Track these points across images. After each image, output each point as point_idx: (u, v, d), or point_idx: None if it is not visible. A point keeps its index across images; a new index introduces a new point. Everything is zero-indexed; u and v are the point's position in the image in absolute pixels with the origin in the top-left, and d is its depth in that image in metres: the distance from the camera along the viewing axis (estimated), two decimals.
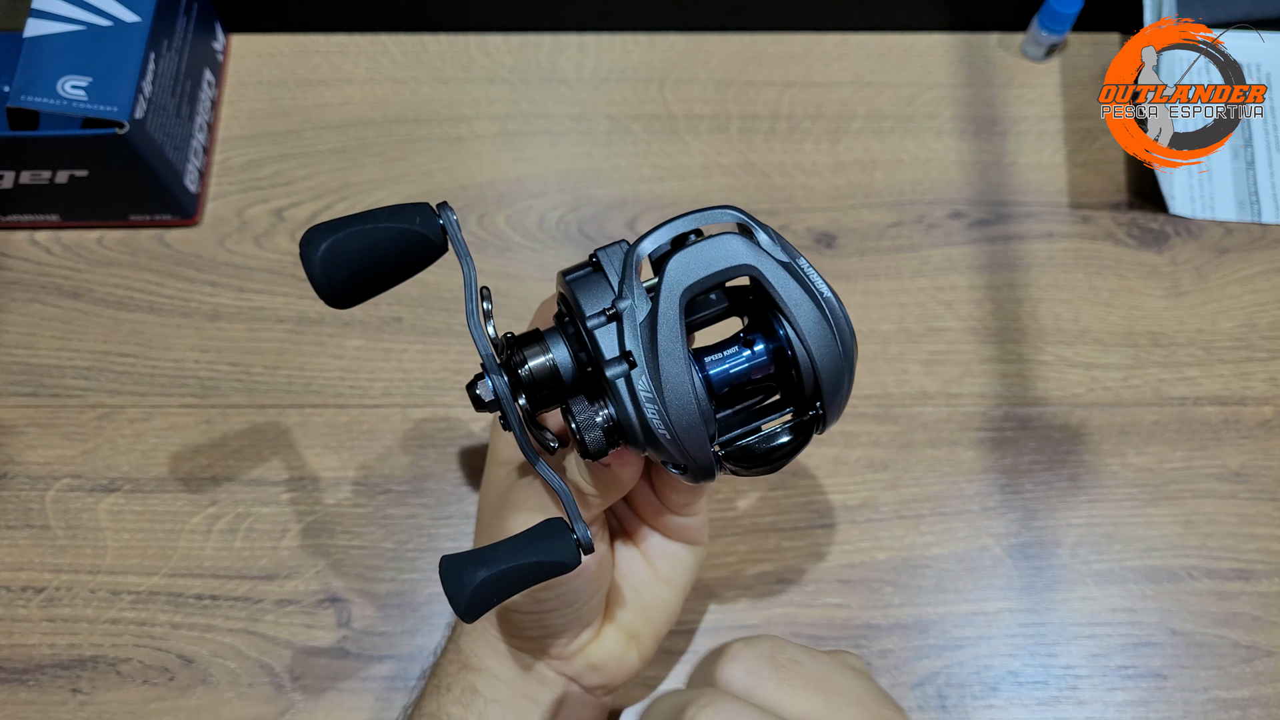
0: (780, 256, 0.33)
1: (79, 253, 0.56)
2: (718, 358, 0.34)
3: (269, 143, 0.58)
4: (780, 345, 0.33)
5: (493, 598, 0.33)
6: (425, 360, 0.53)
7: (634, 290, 0.32)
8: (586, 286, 0.33)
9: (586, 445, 0.33)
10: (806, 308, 0.33)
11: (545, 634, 0.40)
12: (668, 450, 0.32)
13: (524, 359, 0.34)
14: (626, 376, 0.32)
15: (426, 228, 0.33)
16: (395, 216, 0.32)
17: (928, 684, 0.48)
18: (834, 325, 0.33)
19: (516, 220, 0.57)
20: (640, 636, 0.42)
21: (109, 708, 0.47)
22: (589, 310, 0.33)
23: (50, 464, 0.51)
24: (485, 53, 0.61)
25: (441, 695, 0.41)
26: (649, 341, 0.32)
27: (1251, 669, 0.48)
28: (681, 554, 0.42)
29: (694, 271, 0.32)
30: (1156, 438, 0.52)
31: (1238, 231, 0.56)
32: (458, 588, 0.32)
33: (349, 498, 0.51)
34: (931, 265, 0.56)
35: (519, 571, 0.32)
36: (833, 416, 0.34)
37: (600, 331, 0.32)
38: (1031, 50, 0.60)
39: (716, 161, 0.58)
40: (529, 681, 0.41)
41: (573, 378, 0.34)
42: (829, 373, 0.33)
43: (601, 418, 0.33)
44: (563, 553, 0.33)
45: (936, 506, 0.51)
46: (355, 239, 0.32)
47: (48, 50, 0.50)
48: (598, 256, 0.33)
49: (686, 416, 0.32)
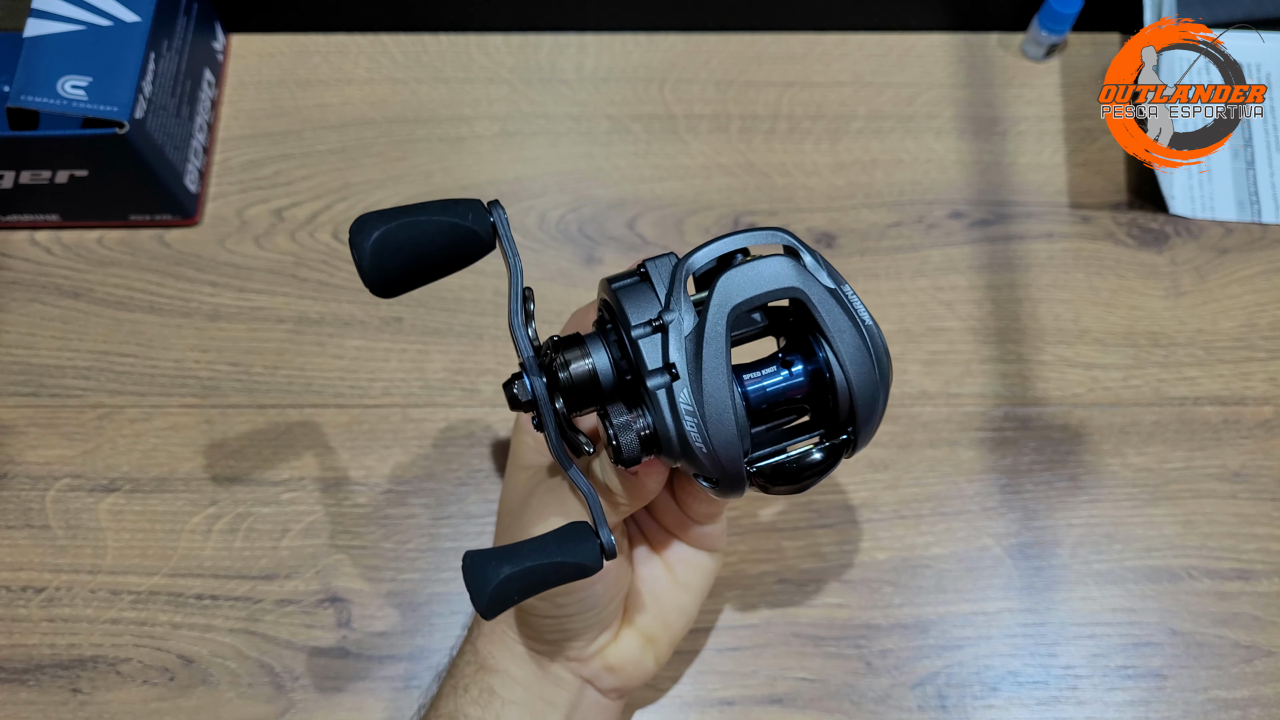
0: (827, 282, 0.33)
1: (79, 253, 0.56)
2: (756, 375, 0.35)
3: (269, 143, 0.58)
4: (819, 368, 0.34)
5: (514, 595, 0.33)
6: (425, 360, 0.53)
7: (681, 303, 0.32)
8: (633, 295, 0.33)
9: (622, 452, 0.33)
10: (849, 334, 0.33)
11: (564, 637, 0.40)
12: (701, 463, 0.33)
13: (565, 362, 0.34)
14: (668, 388, 0.32)
15: (478, 224, 0.33)
16: (448, 211, 0.33)
17: (928, 684, 0.48)
18: (874, 353, 0.33)
19: (516, 220, 0.57)
20: (657, 640, 0.42)
21: (109, 708, 0.47)
22: (635, 319, 0.33)
23: (50, 464, 0.51)
24: (485, 53, 0.61)
25: (459, 696, 0.41)
26: (693, 355, 0.32)
27: (1251, 669, 0.48)
28: (700, 560, 0.43)
29: (744, 290, 0.32)
30: (1156, 438, 0.52)
31: (1238, 231, 0.56)
32: (480, 583, 0.32)
33: (349, 498, 0.51)
34: (931, 265, 0.56)
35: (541, 571, 0.33)
36: (864, 441, 0.34)
37: (644, 341, 0.33)
38: (1031, 50, 0.60)
39: (716, 161, 0.58)
40: (546, 683, 0.41)
41: (610, 384, 0.34)
42: (865, 399, 0.33)
43: (639, 426, 0.33)
44: (586, 555, 0.33)
45: (936, 506, 0.51)
46: (407, 230, 0.32)
47: (48, 50, 0.50)
48: (646, 267, 0.34)
49: (725, 432, 0.32)
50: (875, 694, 0.47)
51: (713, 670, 0.48)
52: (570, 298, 0.54)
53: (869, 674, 0.48)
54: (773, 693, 0.47)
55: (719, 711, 0.47)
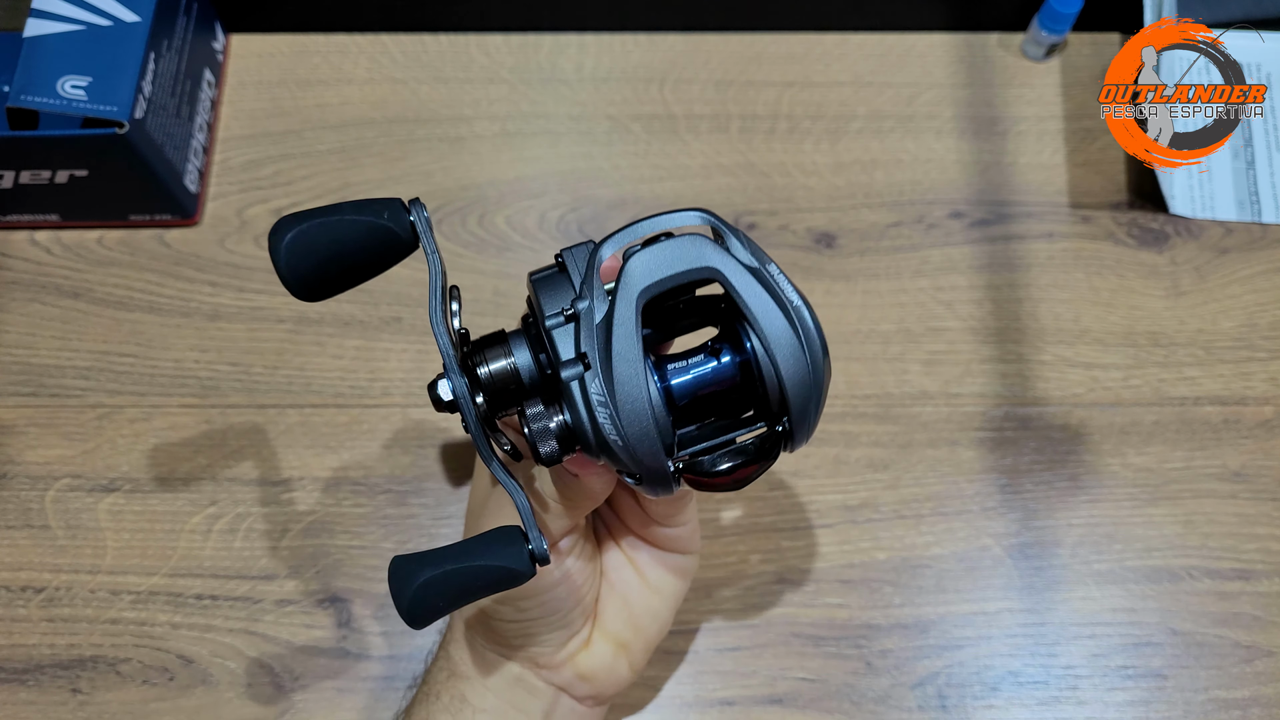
0: (748, 261, 0.31)
1: (79, 253, 0.56)
2: (680, 366, 0.33)
3: (269, 143, 0.58)
4: (747, 358, 0.32)
5: (439, 602, 0.31)
6: (425, 360, 0.53)
7: (594, 290, 0.31)
8: (549, 286, 0.32)
9: (538, 450, 0.31)
10: (773, 316, 0.31)
11: (531, 643, 0.40)
12: (619, 457, 0.31)
13: (485, 359, 0.33)
14: (580, 378, 0.31)
15: (395, 222, 0.32)
16: (362, 210, 0.32)
17: (928, 684, 0.48)
18: (802, 336, 0.31)
19: (516, 220, 0.57)
20: (630, 646, 0.41)
21: (109, 708, 0.47)
22: (548, 310, 0.32)
23: (50, 464, 0.51)
24: (485, 53, 0.61)
25: (431, 703, 0.40)
26: (604, 343, 0.31)
27: (1251, 669, 0.48)
28: (671, 562, 0.42)
29: (653, 272, 0.31)
30: (1156, 438, 0.52)
31: (1238, 231, 0.56)
32: (400, 586, 0.31)
33: (349, 498, 0.51)
34: (931, 265, 0.56)
35: (464, 575, 0.31)
36: (801, 433, 0.32)
37: (558, 332, 0.31)
38: (1031, 50, 0.60)
39: (716, 161, 0.58)
40: (518, 691, 0.41)
41: (533, 381, 0.33)
42: (795, 386, 0.31)
43: (555, 423, 0.31)
44: (515, 560, 0.31)
45: (936, 506, 0.51)
46: (321, 230, 0.31)
47: (48, 50, 0.50)
48: (563, 256, 0.32)
49: (639, 423, 0.30)
50: (875, 694, 0.47)
51: (713, 670, 0.48)
52: None
53: (869, 674, 0.48)
54: (773, 693, 0.47)
55: (719, 711, 0.47)
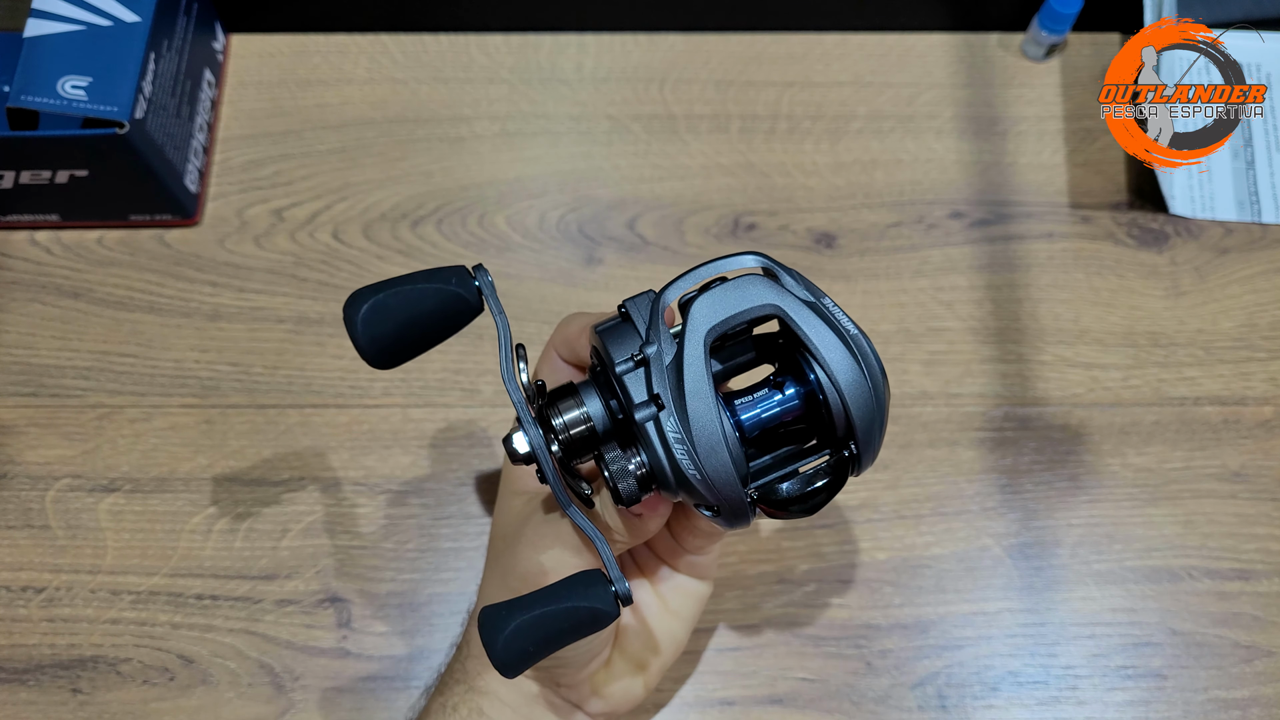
0: (804, 296, 0.33)
1: (79, 253, 0.56)
2: (748, 400, 0.35)
3: (269, 143, 0.58)
4: (811, 389, 0.33)
5: (528, 646, 0.32)
6: (425, 360, 0.53)
7: (660, 335, 0.33)
8: (615, 336, 0.34)
9: (620, 493, 0.33)
10: (834, 347, 0.33)
11: (556, 664, 0.40)
12: (698, 492, 0.32)
13: (558, 410, 0.34)
14: (655, 419, 0.32)
15: (463, 287, 0.34)
16: (432, 278, 0.34)
17: (928, 684, 0.48)
18: (863, 363, 0.33)
19: (516, 220, 0.57)
20: (648, 667, 0.43)
21: (109, 708, 0.47)
22: (618, 357, 0.33)
23: (50, 464, 0.51)
24: (485, 53, 0.61)
25: (447, 715, 0.41)
26: (675, 383, 0.32)
27: (1251, 669, 0.48)
28: (692, 588, 0.43)
29: (718, 313, 0.32)
30: (1156, 438, 0.52)
31: (1238, 231, 0.56)
32: (492, 633, 0.32)
33: (349, 498, 0.51)
34: (931, 265, 0.56)
35: (555, 618, 0.32)
36: (868, 457, 0.34)
37: (629, 377, 0.33)
38: (1031, 50, 0.60)
39: (716, 161, 0.58)
40: (536, 708, 0.41)
41: (606, 428, 0.34)
42: (860, 411, 0.33)
43: (634, 465, 0.33)
44: (601, 600, 0.32)
45: (936, 506, 0.51)
46: (395, 299, 0.33)
47: (48, 50, 0.50)
48: (625, 307, 0.34)
49: (716, 456, 0.32)
50: (875, 694, 0.47)
51: (713, 670, 0.48)
52: (570, 298, 0.54)
53: (869, 674, 0.48)
54: (773, 693, 0.47)
55: (719, 711, 0.47)
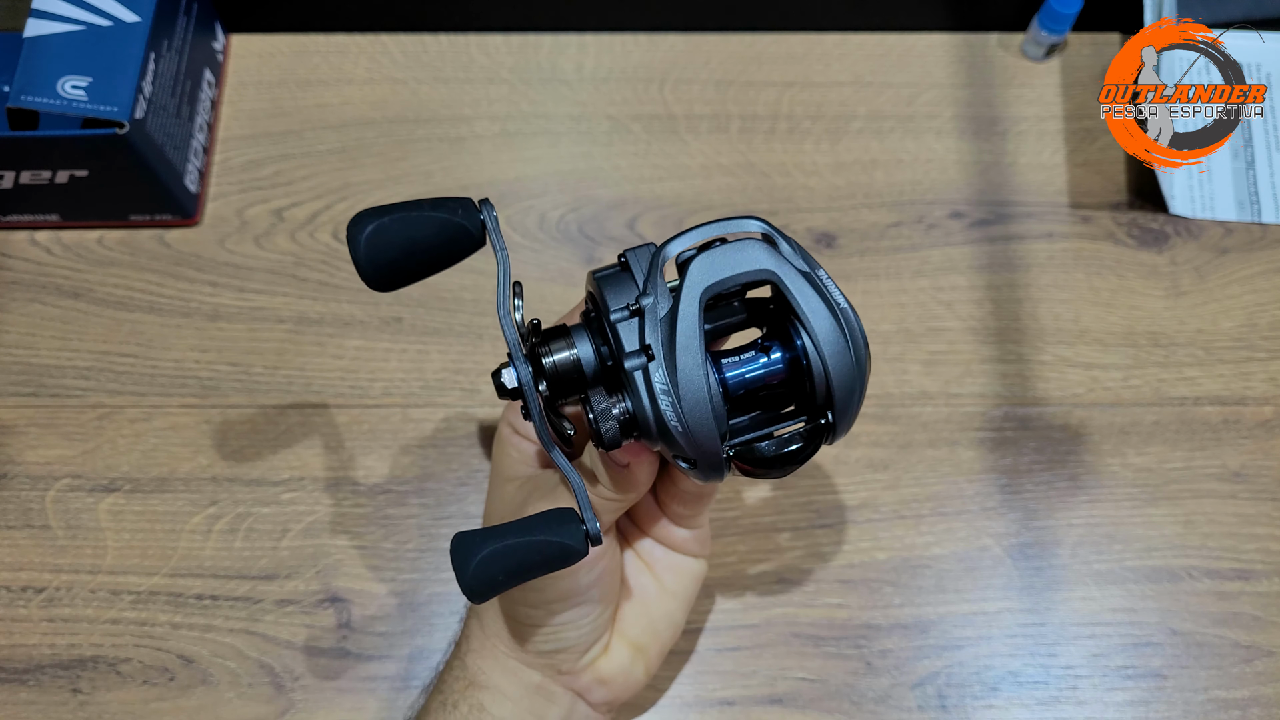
0: (800, 266, 0.33)
1: (79, 253, 0.56)
2: (734, 360, 0.35)
3: (269, 143, 0.58)
4: (796, 354, 0.34)
5: (498, 575, 0.33)
6: (425, 360, 0.53)
7: (658, 288, 0.33)
8: (613, 284, 0.34)
9: (601, 435, 0.33)
10: (823, 317, 0.33)
11: (558, 647, 0.40)
12: (679, 444, 0.33)
13: (549, 350, 0.35)
14: (644, 368, 0.33)
15: (467, 220, 0.34)
16: (440, 207, 0.34)
17: (928, 684, 0.48)
18: (849, 336, 0.33)
19: (516, 220, 0.57)
20: (647, 650, 0.43)
21: (109, 708, 0.47)
22: (613, 305, 0.34)
23: (50, 464, 0.51)
24: (485, 53, 0.61)
25: (448, 712, 0.41)
26: (668, 336, 0.33)
27: (1251, 669, 0.48)
28: (685, 566, 0.43)
29: (715, 272, 0.33)
30: (1156, 438, 0.52)
31: (1238, 231, 0.56)
32: (463, 559, 0.33)
33: (349, 498, 0.51)
34: (931, 265, 0.56)
35: (525, 550, 0.33)
36: (843, 427, 0.35)
37: (622, 325, 0.34)
38: (1031, 50, 0.60)
39: (716, 161, 0.58)
40: (537, 699, 0.41)
41: (594, 371, 0.35)
42: (841, 382, 0.34)
43: (618, 410, 0.33)
44: (571, 537, 0.33)
45: (936, 506, 0.51)
46: (400, 224, 0.33)
47: (48, 50, 0.50)
48: (626, 256, 0.35)
49: (699, 410, 0.33)
50: (875, 694, 0.47)
51: (713, 670, 0.48)
52: (571, 297, 0.54)
53: (869, 674, 0.48)
54: (773, 693, 0.47)
55: (719, 711, 0.47)
